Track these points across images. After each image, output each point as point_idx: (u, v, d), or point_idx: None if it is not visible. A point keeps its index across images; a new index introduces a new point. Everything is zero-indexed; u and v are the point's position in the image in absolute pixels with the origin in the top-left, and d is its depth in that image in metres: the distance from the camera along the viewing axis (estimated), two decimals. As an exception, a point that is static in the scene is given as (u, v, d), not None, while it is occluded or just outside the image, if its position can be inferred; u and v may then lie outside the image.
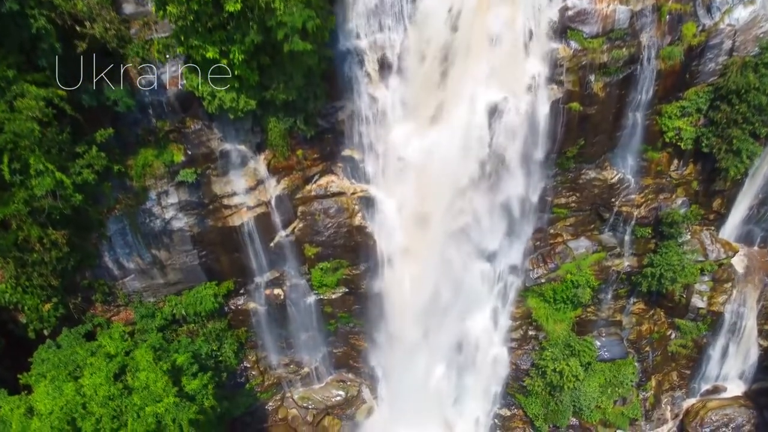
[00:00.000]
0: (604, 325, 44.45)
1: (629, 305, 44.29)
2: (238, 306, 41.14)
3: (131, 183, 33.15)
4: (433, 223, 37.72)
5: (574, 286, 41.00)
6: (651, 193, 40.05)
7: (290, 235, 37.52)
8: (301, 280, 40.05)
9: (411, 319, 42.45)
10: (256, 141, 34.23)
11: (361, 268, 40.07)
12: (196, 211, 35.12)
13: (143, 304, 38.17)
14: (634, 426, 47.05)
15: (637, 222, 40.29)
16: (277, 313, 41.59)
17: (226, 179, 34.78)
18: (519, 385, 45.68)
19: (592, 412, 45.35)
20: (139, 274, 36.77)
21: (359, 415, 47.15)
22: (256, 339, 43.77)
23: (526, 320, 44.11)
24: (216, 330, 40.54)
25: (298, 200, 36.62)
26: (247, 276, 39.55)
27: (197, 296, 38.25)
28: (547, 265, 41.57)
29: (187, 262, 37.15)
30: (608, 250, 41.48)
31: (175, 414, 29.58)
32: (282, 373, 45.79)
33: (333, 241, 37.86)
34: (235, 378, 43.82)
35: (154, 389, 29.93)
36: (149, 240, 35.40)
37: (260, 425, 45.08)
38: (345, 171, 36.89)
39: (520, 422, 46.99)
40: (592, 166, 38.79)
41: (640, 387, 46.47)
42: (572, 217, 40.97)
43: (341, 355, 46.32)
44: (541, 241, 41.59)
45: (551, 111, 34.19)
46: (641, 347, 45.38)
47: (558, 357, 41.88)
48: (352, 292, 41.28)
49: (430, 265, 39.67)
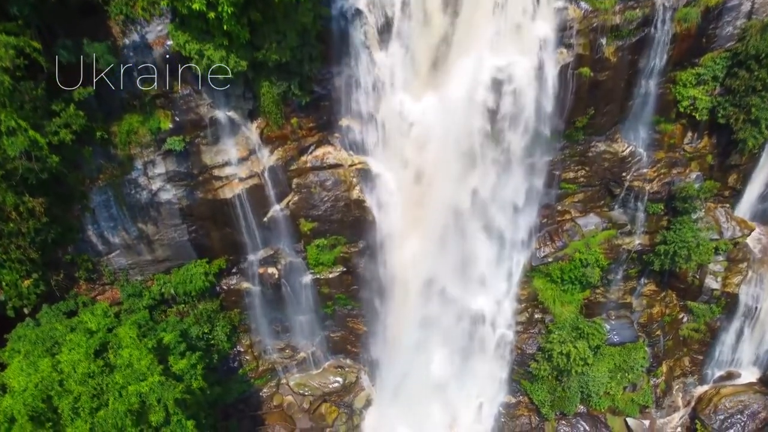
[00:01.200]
0: (613, 307, 42.57)
1: (640, 287, 42.42)
2: (230, 286, 39.24)
3: (115, 151, 31.36)
4: (436, 197, 35.85)
5: (582, 265, 39.13)
6: (664, 167, 38.22)
7: (285, 210, 35.62)
8: (296, 259, 38.15)
9: (412, 301, 40.59)
10: (248, 108, 32.37)
11: (359, 245, 38.18)
12: (184, 183, 33.24)
13: (130, 282, 36.32)
14: (644, 414, 45.15)
15: (649, 197, 38.43)
16: (272, 294, 39.69)
17: (217, 149, 32.90)
18: (524, 370, 43.79)
19: (600, 398, 43.48)
20: (125, 249, 34.90)
21: (357, 403, 45.26)
22: (249, 322, 41.89)
23: (531, 302, 42.24)
24: (207, 311, 38.66)
25: (293, 172, 34.74)
26: (240, 254, 37.66)
27: (187, 274, 36.37)
28: (554, 243, 39.69)
29: (175, 238, 35.27)
30: (619, 228, 39.59)
31: (160, 393, 27.67)
32: (277, 358, 43.91)
33: (330, 215, 35.96)
34: (227, 363, 41.95)
35: (138, 367, 28.01)
36: (135, 213, 33.53)
37: (254, 412, 43.19)
38: (342, 142, 35.01)
39: (526, 409, 45.08)
40: (602, 139, 37.00)
41: (651, 373, 44.57)
42: (581, 193, 39.10)
43: (339, 340, 44.43)
44: (549, 218, 39.73)
45: (560, 77, 32.42)
46: (652, 331, 43.49)
47: (565, 339, 40.00)
48: (350, 271, 39.39)
49: (431, 242, 37.80)
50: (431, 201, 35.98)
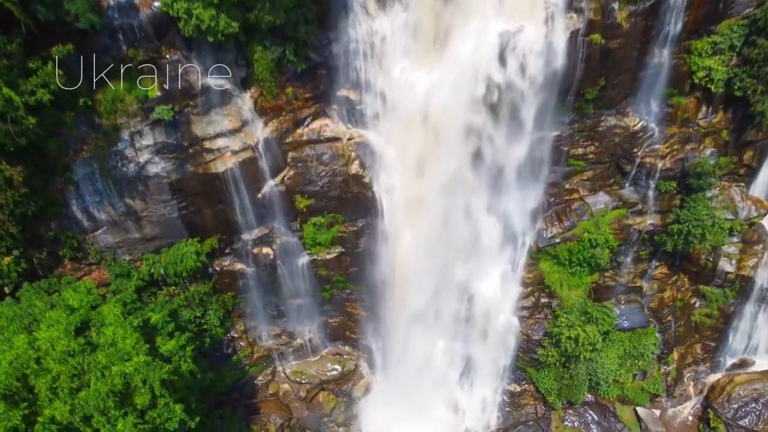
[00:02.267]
0: (623, 291, 40.89)
1: (651, 269, 40.72)
2: (223, 267, 37.53)
3: (100, 121, 29.67)
4: (438, 173, 34.13)
5: (591, 246, 37.42)
6: (676, 143, 36.53)
7: (280, 185, 33.91)
8: (292, 238, 36.43)
9: (413, 284, 38.90)
10: (241, 75, 30.68)
11: (358, 224, 36.46)
12: (174, 155, 31.54)
13: (117, 262, 34.64)
14: (655, 403, 43.47)
15: (661, 175, 36.75)
16: (267, 276, 37.99)
17: (208, 119, 31.19)
18: (530, 357, 42.09)
19: (609, 386, 41.81)
20: (111, 226, 33.20)
21: (356, 391, 43.56)
22: (244, 306, 40.19)
23: (538, 286, 40.55)
24: (199, 293, 36.98)
25: (288, 145, 33.04)
26: (233, 232, 35.95)
27: (177, 254, 34.68)
28: (562, 223, 37.99)
29: (165, 215, 33.57)
30: (629, 207, 37.89)
31: (145, 374, 25.99)
32: (273, 344, 42.21)
33: (327, 191, 34.25)
34: (221, 349, 40.24)
35: (122, 347, 26.35)
36: (122, 187, 31.83)
37: (249, 401, 41.44)
38: (340, 114, 33.34)
39: (531, 399, 43.38)
40: (612, 112, 35.33)
41: (662, 360, 42.91)
42: (590, 170, 37.41)
43: (337, 326, 42.72)
44: (556, 197, 38.03)
45: (569, 44, 30.70)
46: (663, 316, 41.80)
47: (574, 323, 38.28)
48: (348, 251, 37.66)
49: (434, 221, 36.12)
50: (434, 177, 34.25)
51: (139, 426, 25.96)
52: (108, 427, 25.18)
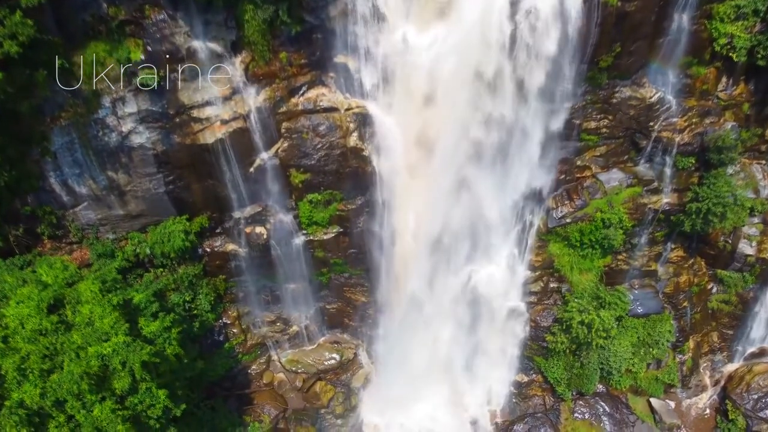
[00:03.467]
0: (637, 275, 38.78)
1: (666, 252, 38.60)
2: (214, 248, 35.41)
3: (79, 85, 27.48)
4: (442, 146, 32.02)
5: (604, 225, 35.30)
6: (695, 116, 34.39)
7: (273, 158, 31.78)
8: (287, 217, 34.31)
9: (415, 268, 36.84)
10: (231, 38, 28.49)
11: (357, 201, 34.34)
12: (159, 124, 29.40)
13: (100, 241, 32.55)
14: (669, 394, 41.38)
15: (678, 150, 34.63)
16: (260, 258, 35.88)
17: (196, 85, 29.04)
18: (538, 345, 40.00)
19: (621, 376, 39.70)
20: (93, 202, 31.09)
21: (355, 382, 41.45)
22: (236, 291, 38.08)
23: (547, 270, 38.44)
24: (188, 276, 34.84)
25: (282, 115, 30.93)
26: (224, 210, 33.85)
27: (164, 232, 32.56)
28: (573, 202, 35.87)
29: (151, 190, 31.46)
30: (644, 185, 35.78)
31: (125, 356, 23.89)
32: (267, 332, 40.11)
33: (324, 165, 32.12)
34: (212, 336, 38.11)
35: (100, 326, 24.26)
36: (103, 158, 29.70)
37: (242, 391, 39.33)
38: (338, 82, 31.18)
39: (539, 389, 41.28)
40: (627, 83, 33.18)
41: (676, 349, 40.81)
42: (603, 146, 35.28)
43: (335, 312, 40.62)
44: (567, 174, 35.91)
45: (584, 6, 28.47)
46: (678, 302, 39.68)
47: (586, 308, 36.14)
48: (346, 232, 35.55)
49: (437, 199, 34.02)
50: (438, 151, 32.14)
51: (118, 412, 23.86)
52: (83, 413, 23.12)
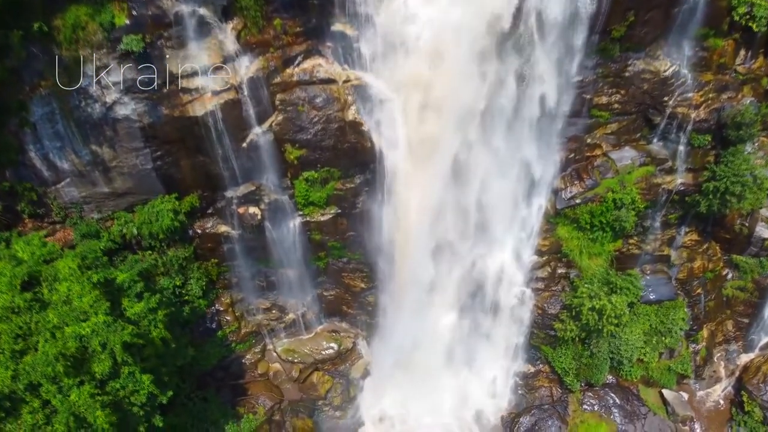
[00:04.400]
0: (649, 260, 37.06)
1: (680, 236, 36.86)
2: (205, 229, 33.67)
3: (59, 51, 25.78)
4: (446, 120, 30.30)
5: (616, 206, 33.60)
6: (711, 91, 32.67)
7: (267, 133, 30.03)
8: (282, 196, 32.57)
9: (417, 252, 35.12)
10: (222, 3, 26.68)
11: (356, 180, 32.62)
12: (146, 95, 27.64)
13: (84, 220, 30.84)
14: (682, 385, 39.65)
15: (694, 127, 32.92)
16: (254, 241, 34.16)
17: (185, 53, 27.26)
18: (545, 334, 38.26)
19: (632, 366, 37.99)
20: (76, 178, 29.37)
21: (354, 372, 39.72)
22: (229, 276, 36.34)
23: (554, 255, 36.73)
24: (179, 259, 33.13)
25: (277, 86, 29.17)
26: (216, 189, 32.12)
27: (152, 212, 30.86)
28: (583, 182, 34.16)
29: (138, 166, 29.73)
30: (658, 164, 34.05)
31: (105, 337, 22.18)
32: (262, 319, 38.37)
33: (321, 140, 30.40)
34: (204, 323, 36.38)
35: (79, 305, 22.55)
36: (86, 131, 27.96)
37: (235, 381, 37.58)
38: (335, 53, 29.40)
39: (546, 380, 39.55)
40: (640, 56, 31.47)
41: (690, 338, 39.07)
42: (614, 123, 33.56)
43: (333, 300, 38.89)
44: (576, 152, 34.21)
45: (596, -31, 26.90)
46: (692, 289, 37.97)
47: (596, 293, 34.42)
48: (345, 213, 33.80)
49: (440, 178, 32.32)
50: (441, 125, 30.42)
51: (97, 397, 22.13)
52: (59, 397, 21.41)
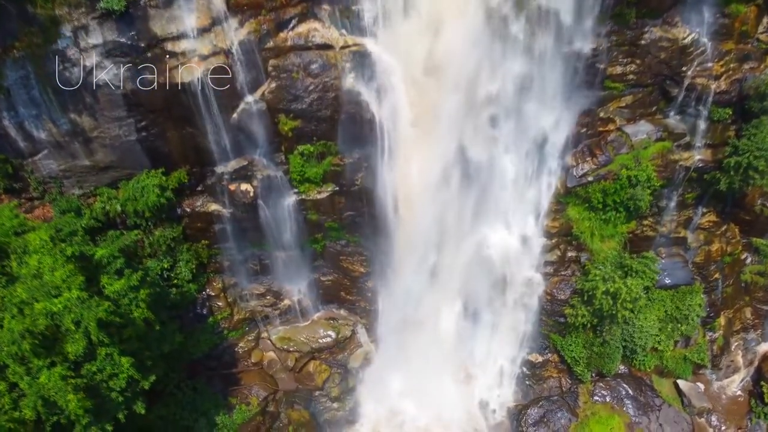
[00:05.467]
0: (664, 243, 35.12)
1: (697, 217, 34.91)
2: (195, 208, 31.78)
3: (34, 10, 23.94)
4: (450, 90, 28.39)
5: (630, 184, 31.67)
6: (732, 61, 30.69)
7: (260, 102, 28.10)
8: (276, 172, 30.65)
9: (419, 233, 33.23)
10: (210, -41, 24.92)
11: (354, 155, 30.67)
12: (128, 59, 25.75)
13: (64, 196, 28.98)
14: (697, 376, 37.69)
15: (714, 99, 30.95)
16: (247, 221, 32.27)
17: (170, 14, 25.41)
18: (554, 321, 36.31)
19: (646, 355, 36.06)
20: (54, 149, 27.50)
21: (353, 362, 37.77)
22: (221, 259, 34.45)
23: (564, 238, 34.77)
24: (166, 240, 31.26)
25: (269, 51, 27.24)
26: (206, 164, 30.24)
27: (137, 187, 29.01)
28: (595, 158, 32.21)
29: (121, 137, 27.83)
30: (675, 139, 32.09)
31: (78, 314, 20.26)
32: (256, 306, 36.47)
33: (317, 111, 28.45)
34: (194, 309, 34.49)
35: (50, 280, 20.63)
36: (65, 98, 26.08)
37: (228, 370, 35.63)
38: (332, 16, 27.44)
39: (555, 370, 37.58)
40: (658, 22, 29.50)
41: (706, 326, 37.13)
42: (629, 95, 31.59)
43: (331, 285, 36.96)
44: (588, 127, 32.23)
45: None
46: (709, 274, 36.00)
47: (611, 276, 32.47)
48: (343, 190, 31.88)
49: (443, 154, 30.45)
50: (444, 96, 28.51)
51: (70, 380, 20.20)
52: (27, 379, 19.49)
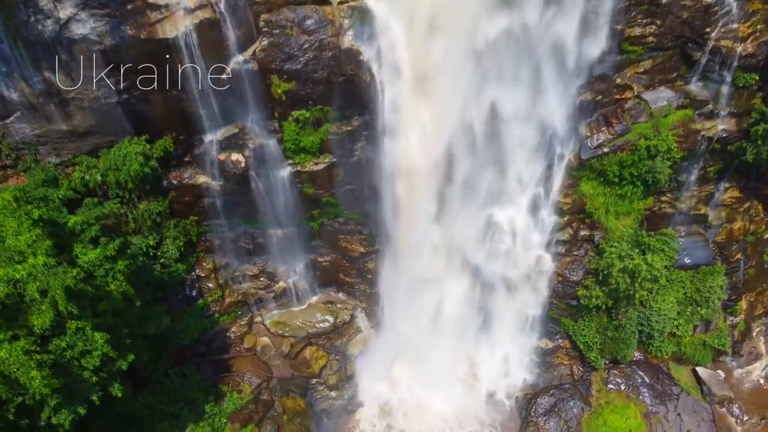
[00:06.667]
0: (683, 221, 33.04)
1: (719, 192, 32.80)
2: (182, 180, 29.64)
3: (2, -46, 21.83)
4: (457, 48, 26.25)
5: (649, 155, 29.55)
6: (760, 22, 28.55)
7: (251, 61, 25.94)
8: (269, 140, 28.50)
9: (422, 210, 31.15)
10: None
11: (353, 122, 28.55)
12: (106, 11, 23.61)
13: (40, 165, 26.86)
14: (717, 363, 35.56)
15: (740, 64, 28.84)
16: (238, 194, 30.13)
17: (151, -38, 23.34)
18: (566, 304, 34.20)
19: (663, 341, 33.96)
20: (27, 111, 25.37)
21: (352, 348, 35.70)
22: (211, 237, 32.34)
23: (577, 215, 32.66)
24: (152, 214, 29.14)
25: (261, 6, 25.08)
26: (193, 132, 28.09)
27: (119, 155, 26.86)
28: (612, 127, 30.07)
29: (100, 99, 25.69)
30: (697, 107, 29.97)
31: (44, 282, 18.13)
32: (249, 288, 34.38)
33: (312, 72, 26.29)
34: (183, 291, 32.39)
35: (13, 244, 18.56)
36: (37, 54, 23.93)
37: (219, 356, 33.50)
38: (330, -32, 25.42)
39: (566, 357, 35.48)
40: (680, -21, 27.39)
41: (727, 310, 35.03)
42: (648, 60, 29.48)
43: (329, 267, 34.86)
44: (604, 95, 30.08)
45: None
46: (731, 254, 33.93)
47: (628, 253, 30.36)
48: (341, 161, 29.75)
49: (449, 122, 28.31)
50: (451, 55, 26.36)
51: (35, 356, 18.09)
52: (-15, 353, 17.34)
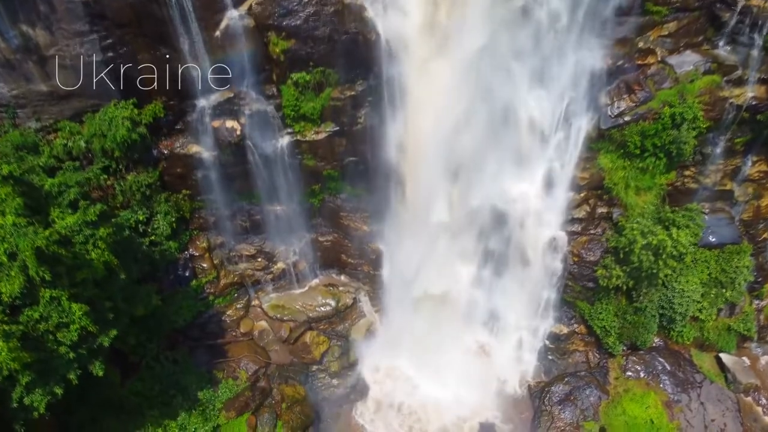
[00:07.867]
0: (707, 197, 31.08)
1: (746, 166, 30.79)
2: (173, 149, 27.68)
3: None
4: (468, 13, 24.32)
5: (674, 124, 27.58)
6: (794, -20, 26.64)
7: (246, 16, 24.02)
8: (266, 106, 26.56)
9: (431, 184, 29.26)
10: None
11: (357, 87, 26.59)
12: (89, -42, 21.76)
13: (19, 129, 24.88)
14: (741, 350, 33.62)
15: (772, 25, 26.89)
16: (234, 166, 28.22)
17: None
18: (582, 287, 32.25)
19: (685, 326, 32.00)
20: (3, 69, 23.45)
21: (355, 333, 33.74)
22: (206, 214, 30.43)
23: (594, 191, 30.72)
24: (141, 186, 27.20)
25: (258, -45, 23.24)
26: (185, 96, 26.12)
27: (104, 120, 24.91)
28: (634, 94, 28.09)
29: (82, 56, 23.73)
30: (725, 73, 27.97)
31: (13, 244, 16.19)
32: (246, 269, 32.46)
33: (313, 29, 24.33)
34: (175, 271, 30.51)
35: (-21, 202, 16.59)
36: (14, 5, 22.02)
37: (213, 341, 31.58)
38: None
39: (581, 343, 33.55)
40: (709, -69, 25.49)
41: (753, 292, 33.08)
42: (673, 21, 27.47)
43: (330, 247, 32.94)
44: (626, 60, 28.06)
45: None
46: (757, 233, 31.99)
47: (651, 229, 28.37)
48: (344, 130, 27.81)
49: (460, 89, 26.33)
50: (464, 10, 24.41)
51: (2, 326, 16.15)
52: (-56, 322, 15.41)
